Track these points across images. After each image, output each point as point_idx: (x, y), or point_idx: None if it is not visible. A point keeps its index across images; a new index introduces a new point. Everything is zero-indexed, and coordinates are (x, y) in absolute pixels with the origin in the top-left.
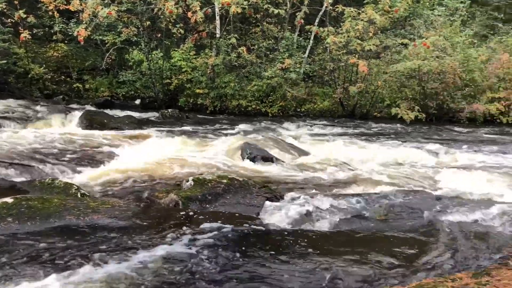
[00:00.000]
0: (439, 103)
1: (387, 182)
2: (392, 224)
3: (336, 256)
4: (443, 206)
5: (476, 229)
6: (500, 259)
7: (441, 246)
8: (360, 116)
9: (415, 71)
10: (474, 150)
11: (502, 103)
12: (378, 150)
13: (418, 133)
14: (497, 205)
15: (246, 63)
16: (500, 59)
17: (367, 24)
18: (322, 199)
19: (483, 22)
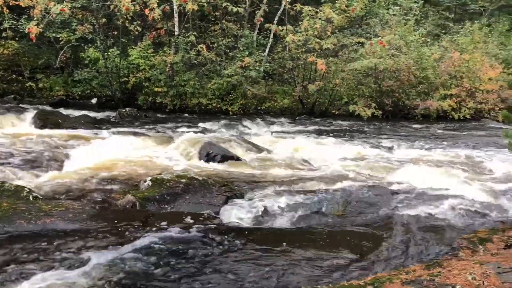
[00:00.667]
0: (395, 100)
1: (345, 177)
2: (349, 219)
3: (295, 252)
4: (399, 201)
5: (430, 222)
6: (452, 251)
7: (397, 239)
8: (319, 113)
9: (371, 69)
10: (428, 145)
11: (454, 100)
12: (337, 147)
13: (375, 130)
14: (449, 199)
15: (205, 61)
16: (451, 57)
17: (325, 23)
18: (282, 197)
19: (435, 22)
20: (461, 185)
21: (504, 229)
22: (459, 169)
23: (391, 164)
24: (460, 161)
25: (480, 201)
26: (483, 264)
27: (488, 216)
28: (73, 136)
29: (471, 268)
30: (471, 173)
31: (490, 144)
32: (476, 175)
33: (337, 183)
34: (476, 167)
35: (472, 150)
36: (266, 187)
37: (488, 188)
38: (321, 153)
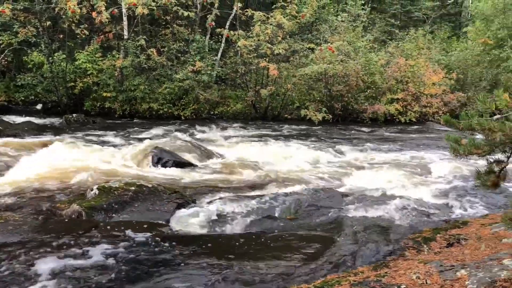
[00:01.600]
0: (344, 105)
1: (297, 181)
2: (301, 222)
3: (246, 258)
4: (348, 203)
5: (378, 223)
6: (398, 251)
7: (346, 241)
8: (272, 118)
9: (321, 75)
10: (376, 148)
11: (400, 104)
12: (289, 151)
13: (325, 133)
14: (396, 200)
15: (156, 65)
16: (397, 63)
17: (276, 28)
18: (235, 202)
19: (382, 28)
20: (408, 186)
21: (447, 228)
22: (405, 170)
23: (342, 167)
24: (406, 163)
25: (426, 201)
26: (427, 263)
27: (432, 216)
28: (16, 144)
29: (416, 267)
30: (417, 174)
31: (434, 146)
32: (421, 176)
33: (289, 187)
34: (422, 169)
35: (418, 152)
36: (219, 192)
37: (432, 188)
38: (273, 157)
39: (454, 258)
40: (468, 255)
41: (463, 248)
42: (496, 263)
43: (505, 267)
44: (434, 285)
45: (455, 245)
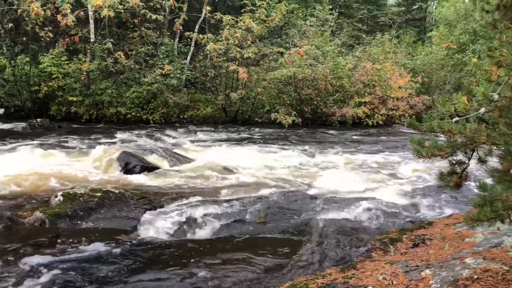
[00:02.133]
0: (314, 108)
1: (267, 184)
2: (270, 226)
3: (215, 263)
4: (317, 205)
5: (346, 225)
6: (365, 252)
7: (314, 244)
8: (242, 121)
9: (291, 78)
10: (345, 151)
11: (367, 107)
12: (259, 154)
13: (295, 137)
14: (364, 201)
15: (124, 69)
16: (364, 67)
17: (246, 32)
18: (204, 206)
19: (350, 33)
20: (376, 187)
21: (413, 229)
22: (373, 172)
23: (311, 170)
24: (374, 164)
25: (393, 202)
26: (393, 264)
27: (399, 217)
28: None
29: (382, 268)
30: (384, 175)
31: (401, 148)
32: (389, 178)
33: (259, 190)
34: (389, 170)
35: (385, 154)
36: (188, 197)
37: (399, 189)
38: (243, 161)
39: (419, 258)
40: (432, 255)
41: (428, 248)
42: (458, 262)
43: (467, 265)
44: (399, 285)
45: (420, 245)
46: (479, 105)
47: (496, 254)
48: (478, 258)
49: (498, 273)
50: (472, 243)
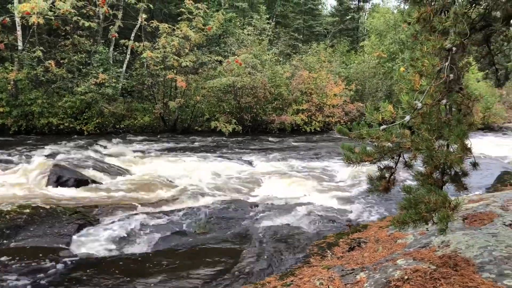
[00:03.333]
0: (253, 116)
1: (208, 194)
2: (211, 236)
3: (153, 277)
4: (258, 213)
5: (285, 232)
6: (304, 258)
7: (254, 252)
8: (182, 130)
9: (230, 87)
10: (284, 157)
11: (305, 114)
12: (200, 163)
13: (236, 145)
14: (303, 207)
15: (55, 78)
16: (301, 75)
17: (183, 40)
18: (142, 219)
19: (286, 42)
20: (314, 193)
21: (349, 232)
22: (312, 178)
23: (252, 177)
24: (312, 170)
25: (331, 207)
26: (330, 268)
27: (337, 221)
28: None
29: (320, 273)
30: (322, 181)
31: (337, 153)
32: (327, 183)
33: (199, 200)
34: (327, 176)
35: (322, 159)
36: (125, 210)
37: (337, 194)
38: (184, 170)
39: (355, 261)
40: (367, 258)
41: (363, 251)
42: (391, 264)
43: (398, 267)
44: None
45: (356, 248)
46: (404, 113)
47: (425, 254)
48: (408, 259)
49: (426, 273)
50: (404, 244)
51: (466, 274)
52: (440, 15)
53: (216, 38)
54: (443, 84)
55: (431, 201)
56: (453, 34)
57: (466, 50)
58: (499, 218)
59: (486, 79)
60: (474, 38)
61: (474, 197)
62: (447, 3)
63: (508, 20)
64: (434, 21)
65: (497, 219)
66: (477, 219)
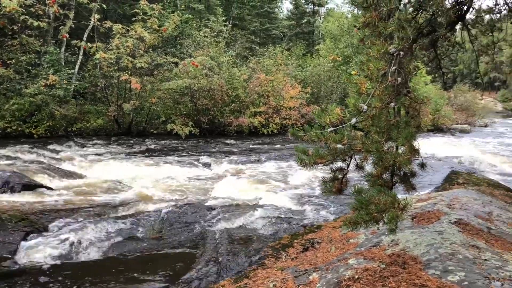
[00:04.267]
0: (211, 118)
1: (163, 198)
2: (165, 241)
3: (103, 286)
4: (214, 216)
5: (241, 234)
6: (259, 260)
7: (209, 256)
8: (137, 133)
9: (187, 89)
10: (241, 160)
11: (262, 117)
12: (155, 167)
13: (193, 147)
14: (260, 209)
15: (2, 79)
16: (258, 77)
17: (138, 41)
18: (93, 225)
19: (243, 45)
20: (271, 194)
21: (304, 233)
22: (269, 180)
23: (208, 180)
24: (269, 172)
25: (287, 208)
26: (284, 270)
27: (292, 222)
28: None
29: (274, 275)
30: (279, 183)
31: (294, 155)
32: (283, 185)
33: (154, 204)
34: (283, 177)
35: (279, 161)
36: (76, 216)
37: (293, 195)
38: (138, 174)
39: (308, 262)
40: (320, 258)
41: (316, 251)
42: (343, 264)
43: (349, 266)
44: None
45: (310, 249)
46: (351, 115)
47: (375, 253)
48: (359, 258)
49: (376, 272)
50: (356, 244)
51: (413, 271)
52: (386, 21)
53: (172, 39)
54: (391, 87)
55: (381, 202)
56: (397, 39)
57: (414, 54)
58: (445, 216)
59: (434, 82)
60: (422, 42)
61: (423, 196)
62: (392, 9)
63: (452, 26)
64: (379, 26)
65: (444, 217)
66: (425, 217)
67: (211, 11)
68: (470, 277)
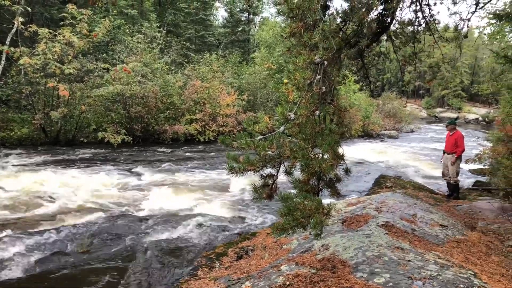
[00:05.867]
0: (145, 126)
1: (93, 210)
2: (95, 255)
3: None
4: (147, 227)
5: (175, 245)
6: (191, 271)
7: (141, 268)
8: (66, 142)
9: (119, 96)
10: (177, 168)
11: (199, 124)
12: (85, 177)
13: (126, 156)
14: (195, 218)
15: None
16: (194, 84)
17: (66, 46)
18: (15, 241)
19: (178, 51)
20: (206, 203)
21: (238, 241)
22: (204, 188)
23: (142, 190)
24: (205, 180)
25: (222, 216)
26: (217, 279)
27: (227, 230)
28: None
29: (206, 285)
30: (214, 191)
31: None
32: (219, 192)
33: (84, 217)
34: (219, 185)
35: (215, 169)
36: None
37: (228, 203)
38: (66, 185)
39: (241, 270)
40: (253, 266)
41: (250, 259)
42: (275, 270)
43: (281, 273)
44: None
45: (244, 257)
46: (280, 123)
47: (306, 259)
48: (291, 264)
49: (306, 277)
50: (288, 250)
51: (342, 275)
52: (312, 31)
53: (104, 45)
54: (317, 96)
55: (307, 207)
56: (321, 49)
57: (342, 63)
58: (373, 219)
59: (361, 91)
60: (349, 52)
61: (353, 200)
62: (317, 20)
63: (377, 37)
64: (304, 36)
65: (372, 220)
66: (354, 221)
67: (145, 17)
68: (394, 278)
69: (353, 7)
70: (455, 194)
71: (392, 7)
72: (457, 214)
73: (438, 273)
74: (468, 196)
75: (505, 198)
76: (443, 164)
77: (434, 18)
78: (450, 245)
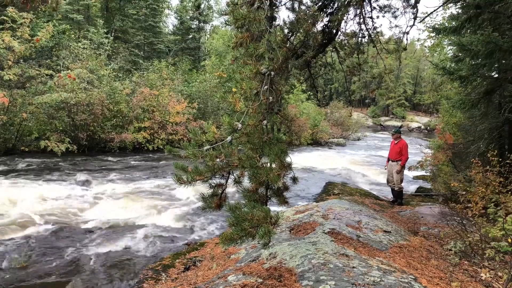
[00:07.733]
0: (90, 134)
1: (33, 222)
2: (33, 269)
3: None
4: (92, 239)
5: (121, 257)
6: (137, 284)
7: (83, 283)
8: (5, 151)
9: (63, 103)
10: (123, 178)
11: (147, 132)
12: (25, 188)
13: (70, 166)
14: (142, 229)
15: None
16: (142, 92)
17: (6, 51)
18: None
19: (126, 58)
20: (154, 213)
21: (186, 252)
22: (152, 198)
23: (86, 201)
24: (153, 190)
25: (170, 226)
26: None
27: (176, 240)
28: None
29: None
30: (163, 200)
31: None
32: (167, 202)
33: (22, 230)
34: (167, 195)
35: (164, 178)
36: None
37: (177, 213)
38: (3, 197)
39: (188, 282)
40: (200, 277)
41: (198, 270)
42: (222, 281)
43: (228, 283)
44: None
45: (191, 268)
46: (227, 133)
47: (254, 268)
48: (239, 274)
49: (253, 287)
50: (236, 259)
51: (288, 284)
52: (258, 42)
53: (48, 50)
54: (264, 105)
55: (255, 217)
56: (267, 60)
57: (290, 73)
58: (320, 226)
59: (309, 100)
60: (297, 63)
61: (301, 208)
62: (263, 31)
63: (323, 48)
64: (250, 47)
65: (319, 228)
66: (301, 229)
67: (91, 23)
68: (339, 285)
69: (299, 19)
70: (399, 200)
71: (337, 19)
72: (400, 220)
73: (381, 279)
74: (411, 202)
75: (445, 203)
76: (388, 171)
77: (377, 31)
78: (393, 250)
